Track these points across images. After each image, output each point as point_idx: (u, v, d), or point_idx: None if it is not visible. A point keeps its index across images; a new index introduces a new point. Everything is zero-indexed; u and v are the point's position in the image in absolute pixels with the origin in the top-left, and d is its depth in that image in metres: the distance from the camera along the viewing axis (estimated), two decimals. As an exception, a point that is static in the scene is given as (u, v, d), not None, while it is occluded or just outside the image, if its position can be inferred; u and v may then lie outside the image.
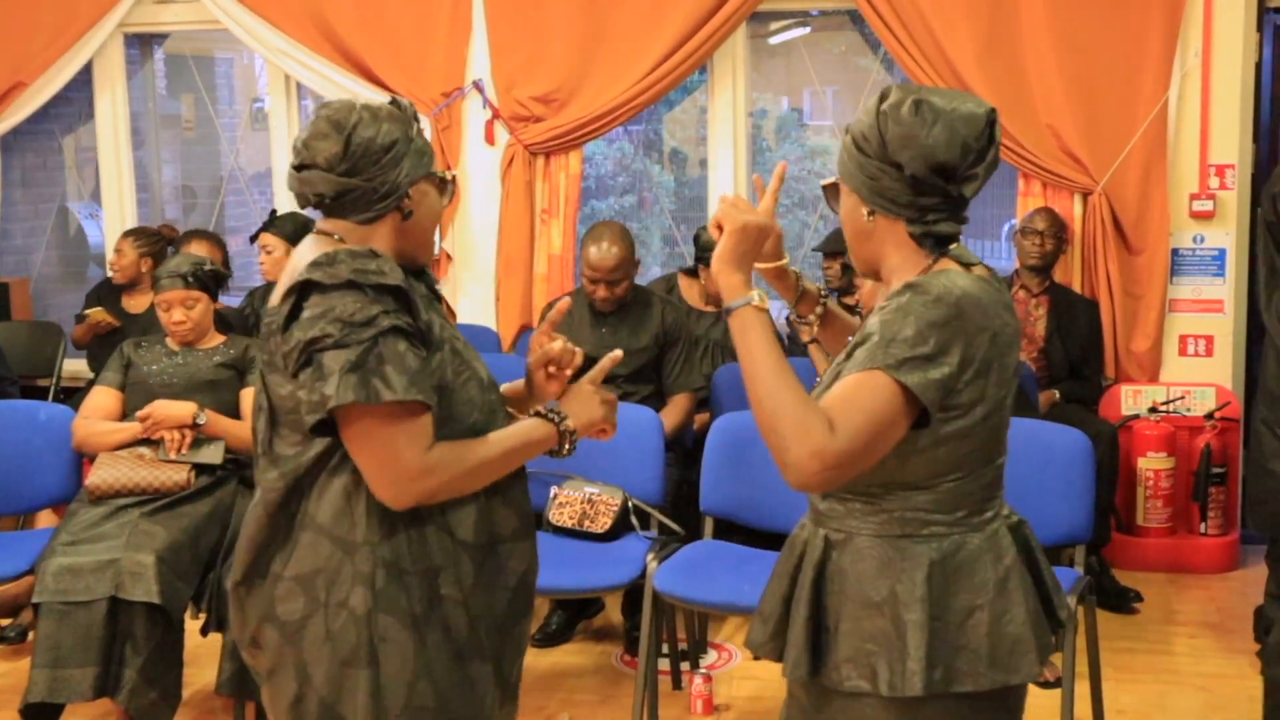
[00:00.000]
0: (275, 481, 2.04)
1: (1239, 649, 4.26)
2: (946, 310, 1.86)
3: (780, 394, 1.84)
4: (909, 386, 1.83)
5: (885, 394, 1.83)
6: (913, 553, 1.95)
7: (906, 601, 1.93)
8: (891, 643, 1.93)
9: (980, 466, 1.97)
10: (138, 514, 3.63)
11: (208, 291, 3.96)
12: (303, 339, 1.93)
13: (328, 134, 2.04)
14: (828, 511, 2.03)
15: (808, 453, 1.80)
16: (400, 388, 1.91)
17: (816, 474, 1.80)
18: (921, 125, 1.90)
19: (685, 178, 6.55)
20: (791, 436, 1.81)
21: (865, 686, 1.94)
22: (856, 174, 1.98)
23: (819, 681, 2.01)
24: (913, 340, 1.84)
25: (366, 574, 2.00)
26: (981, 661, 1.93)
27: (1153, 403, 5.11)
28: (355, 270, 1.94)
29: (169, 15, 6.06)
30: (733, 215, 1.97)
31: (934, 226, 1.96)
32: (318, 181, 2.05)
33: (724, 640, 4.45)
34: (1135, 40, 5.01)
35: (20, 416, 4.29)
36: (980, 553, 1.97)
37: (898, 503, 1.96)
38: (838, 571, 2.00)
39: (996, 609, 1.95)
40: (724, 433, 4.02)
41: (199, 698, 3.99)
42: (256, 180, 7.05)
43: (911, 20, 5.11)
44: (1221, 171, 5.10)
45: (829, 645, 1.99)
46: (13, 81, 5.94)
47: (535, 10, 5.45)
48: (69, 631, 3.42)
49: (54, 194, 6.67)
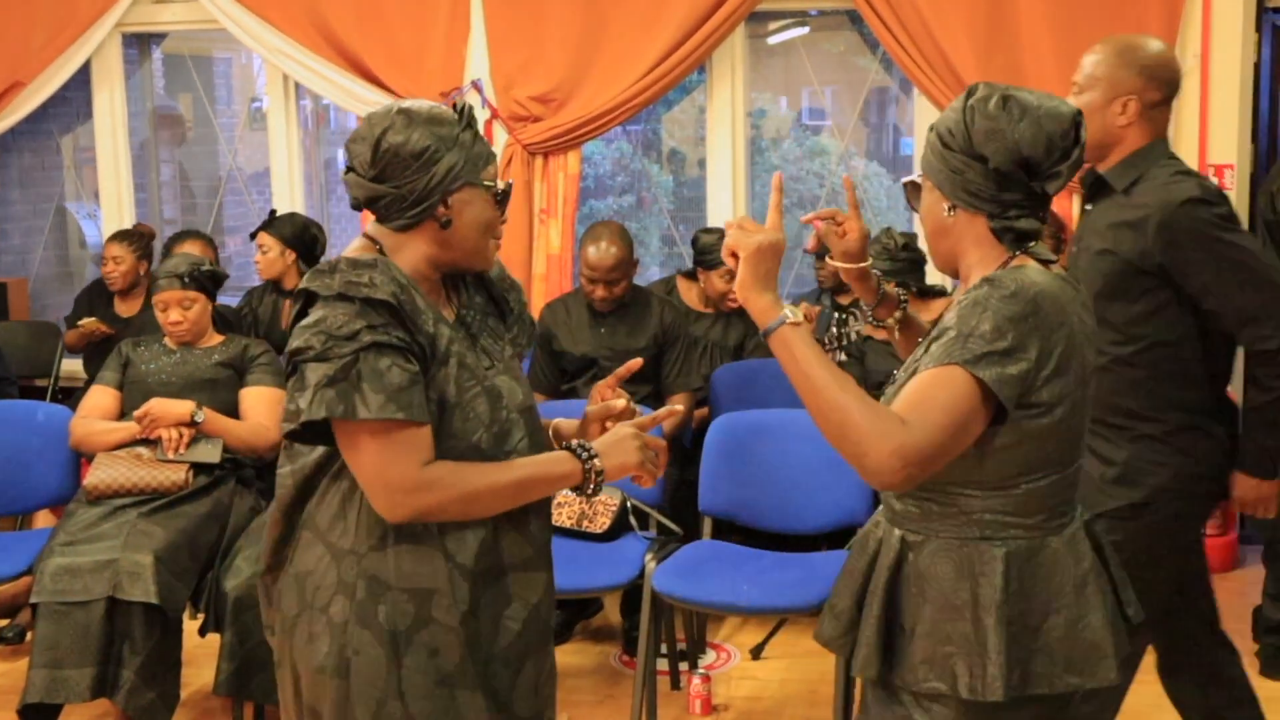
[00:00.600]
0: (287, 479, 2.06)
1: (1238, 648, 4.25)
2: (1024, 305, 1.87)
3: (845, 402, 1.83)
4: (986, 381, 1.83)
5: (963, 389, 1.84)
6: (990, 555, 1.95)
7: (986, 604, 1.93)
8: (971, 646, 1.93)
9: (1060, 468, 1.97)
10: (135, 514, 3.62)
11: (205, 292, 3.95)
12: (291, 347, 1.94)
13: (363, 137, 2.02)
14: (904, 512, 2.03)
15: (888, 452, 1.80)
16: (375, 405, 1.89)
17: (899, 472, 1.80)
18: (1008, 120, 1.92)
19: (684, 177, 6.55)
20: (868, 440, 1.81)
21: (943, 688, 1.94)
22: (940, 169, 1.99)
23: (890, 681, 2.01)
24: (990, 335, 1.85)
25: (349, 584, 2.00)
26: (1057, 665, 1.94)
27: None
28: (346, 282, 1.93)
29: (167, 15, 6.05)
30: (744, 240, 1.96)
31: (1015, 222, 1.96)
32: (352, 185, 2.05)
33: (722, 640, 4.45)
34: (1134, 40, 5.00)
35: (18, 416, 4.29)
36: (1059, 556, 1.97)
37: (976, 504, 1.95)
38: (915, 573, 2.00)
39: (1074, 612, 1.96)
40: (723, 433, 4.02)
41: (197, 698, 3.99)
42: (255, 180, 7.05)
43: (910, 20, 5.10)
44: (1220, 171, 5.09)
45: (904, 646, 1.99)
46: (10, 81, 5.93)
47: (534, 10, 5.45)
48: (67, 632, 3.42)
49: (52, 194, 6.66)
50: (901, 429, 1.80)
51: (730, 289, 4.79)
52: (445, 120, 2.04)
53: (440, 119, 2.04)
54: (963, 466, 1.92)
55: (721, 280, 4.80)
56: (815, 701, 3.97)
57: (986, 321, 1.86)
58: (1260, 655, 4.13)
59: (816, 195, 6.37)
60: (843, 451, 1.84)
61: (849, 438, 1.82)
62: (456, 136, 2.04)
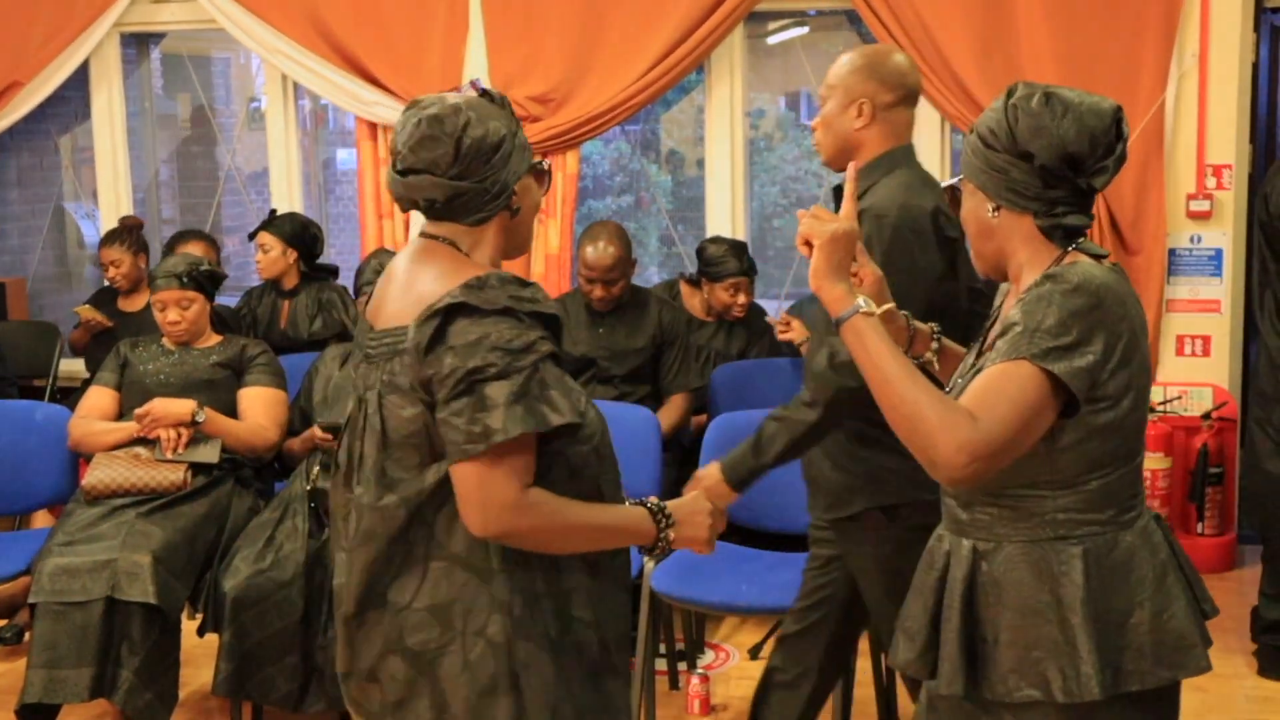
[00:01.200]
0: (395, 508, 1.96)
1: (1236, 649, 4.26)
2: (1087, 299, 1.87)
3: (915, 395, 1.83)
4: (1056, 374, 1.83)
5: (1031, 383, 1.83)
6: (1068, 554, 1.93)
7: (1070, 604, 1.91)
8: (1060, 648, 1.91)
9: (1127, 462, 1.97)
10: (134, 514, 3.62)
11: (203, 292, 3.95)
12: (462, 367, 1.85)
13: (437, 137, 1.97)
14: (973, 521, 2.00)
15: (955, 447, 1.79)
16: (565, 410, 1.89)
17: (966, 467, 1.80)
18: (1051, 116, 1.92)
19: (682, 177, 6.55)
20: (937, 434, 1.80)
21: (1037, 695, 1.92)
22: (983, 170, 1.98)
23: (977, 695, 1.98)
24: (1055, 329, 1.85)
25: (504, 601, 1.95)
26: (1147, 659, 1.93)
27: (1150, 403, 5.10)
28: (511, 297, 1.89)
29: (165, 15, 6.05)
30: (819, 228, 1.97)
31: (1063, 219, 1.96)
32: (427, 187, 1.98)
33: (721, 640, 4.45)
34: (1132, 41, 5.00)
35: (17, 416, 4.29)
36: (1135, 549, 1.96)
37: (1048, 505, 1.95)
38: (991, 581, 1.98)
39: (1157, 604, 1.94)
40: (721, 432, 4.02)
41: (195, 698, 3.99)
42: (253, 180, 7.05)
43: (908, 20, 5.11)
44: (1219, 172, 5.10)
45: (988, 657, 1.97)
46: (8, 81, 5.92)
47: (532, 9, 5.45)
48: (65, 632, 3.42)
49: (50, 194, 6.66)
50: (970, 424, 1.80)
51: (735, 300, 4.79)
52: (501, 110, 2.05)
53: (501, 107, 2.05)
54: (1033, 466, 1.91)
55: (726, 293, 4.78)
56: (814, 701, 3.96)
57: (1052, 316, 1.86)
58: (1258, 655, 4.14)
59: (815, 195, 6.36)
60: (911, 445, 1.84)
61: (919, 431, 1.82)
62: (515, 126, 2.05)
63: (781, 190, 6.86)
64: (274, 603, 3.47)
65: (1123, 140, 1.95)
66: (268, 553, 3.55)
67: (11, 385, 5.07)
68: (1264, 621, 4.14)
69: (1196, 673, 1.96)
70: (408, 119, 2.02)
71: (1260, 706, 3.92)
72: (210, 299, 4.01)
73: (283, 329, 5.06)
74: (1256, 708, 3.91)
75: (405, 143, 2.00)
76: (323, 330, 5.02)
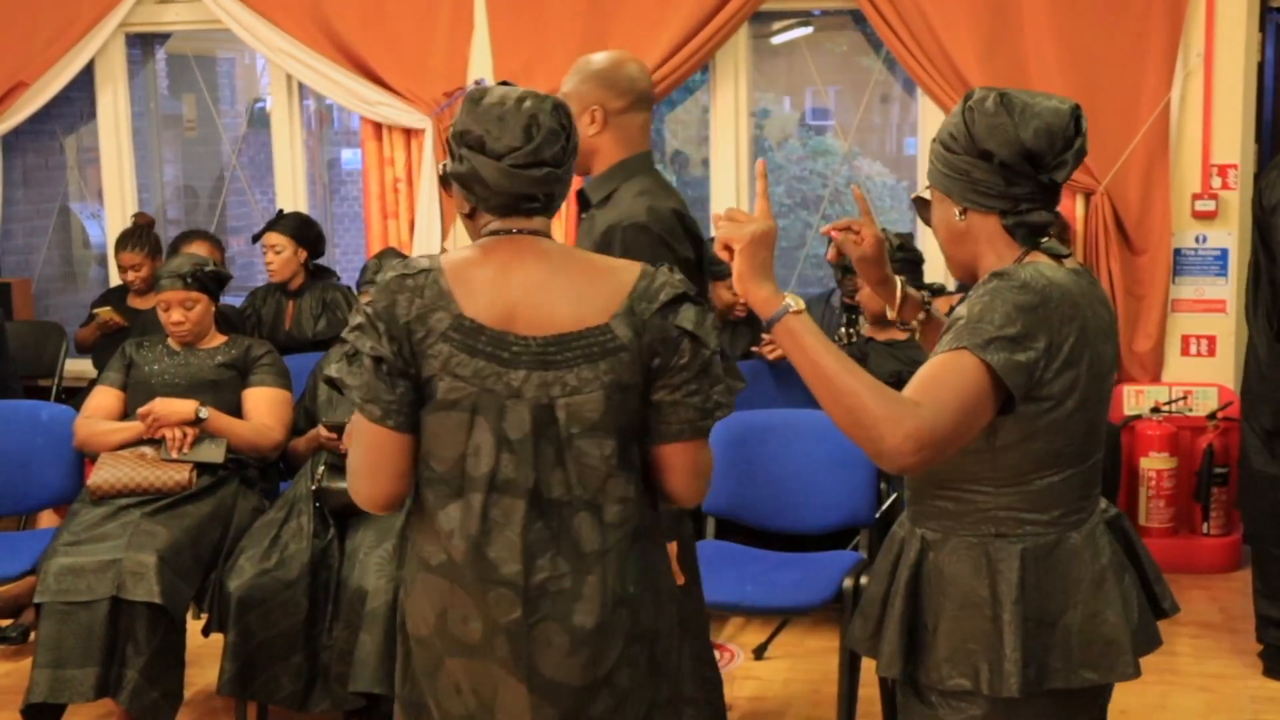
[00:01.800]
0: (640, 496, 2.05)
1: (1241, 649, 4.26)
2: (1033, 296, 1.88)
3: (856, 387, 1.82)
4: (994, 366, 1.84)
5: (972, 373, 1.84)
6: (1007, 552, 1.95)
7: (1003, 601, 1.94)
8: (990, 642, 1.94)
9: (1076, 463, 1.98)
10: (139, 514, 3.62)
11: (207, 292, 3.95)
12: (706, 349, 2.03)
13: (563, 131, 2.04)
14: (924, 511, 2.04)
15: (902, 436, 1.79)
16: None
17: (914, 454, 1.80)
18: (1008, 114, 1.94)
19: (687, 177, 6.53)
20: (882, 424, 1.80)
21: (967, 685, 1.96)
22: (947, 174, 2.00)
23: (915, 680, 2.02)
24: (999, 322, 1.86)
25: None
26: (1073, 660, 1.95)
27: (1155, 403, 5.10)
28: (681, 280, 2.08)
29: (170, 15, 6.06)
30: (737, 232, 1.95)
31: (1028, 216, 1.98)
32: (553, 181, 2.04)
33: (726, 640, 4.45)
34: (1137, 40, 5.00)
35: (22, 416, 4.29)
36: (1076, 551, 1.98)
37: (990, 502, 1.96)
38: (935, 571, 2.01)
39: (1090, 608, 1.96)
40: (726, 432, 4.01)
41: (200, 698, 3.99)
42: (258, 180, 7.05)
43: (914, 20, 5.10)
44: (1224, 171, 5.09)
45: (926, 644, 2.00)
46: (14, 81, 5.93)
47: (537, 9, 5.45)
48: (70, 632, 3.42)
49: (55, 194, 6.67)
50: (914, 411, 1.80)
51: (738, 300, 4.78)
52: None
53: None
54: (976, 463, 1.93)
55: (728, 291, 4.77)
56: (818, 701, 3.96)
57: (997, 310, 1.87)
58: (1264, 656, 4.13)
59: (820, 195, 6.35)
60: (855, 438, 1.84)
61: (862, 423, 1.81)
62: None
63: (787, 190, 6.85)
64: (279, 603, 3.47)
65: (1081, 135, 1.97)
66: (273, 553, 3.55)
67: (16, 384, 5.07)
68: (1265, 620, 4.14)
69: (1121, 678, 1.98)
70: (522, 110, 2.00)
71: (1265, 707, 3.91)
72: (215, 300, 4.01)
73: (287, 329, 5.06)
74: (1261, 708, 3.91)
75: (529, 137, 1.99)
76: (327, 330, 5.02)
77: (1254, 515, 4.21)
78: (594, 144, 2.87)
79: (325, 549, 3.56)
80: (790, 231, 6.65)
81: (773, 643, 4.34)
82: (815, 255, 5.94)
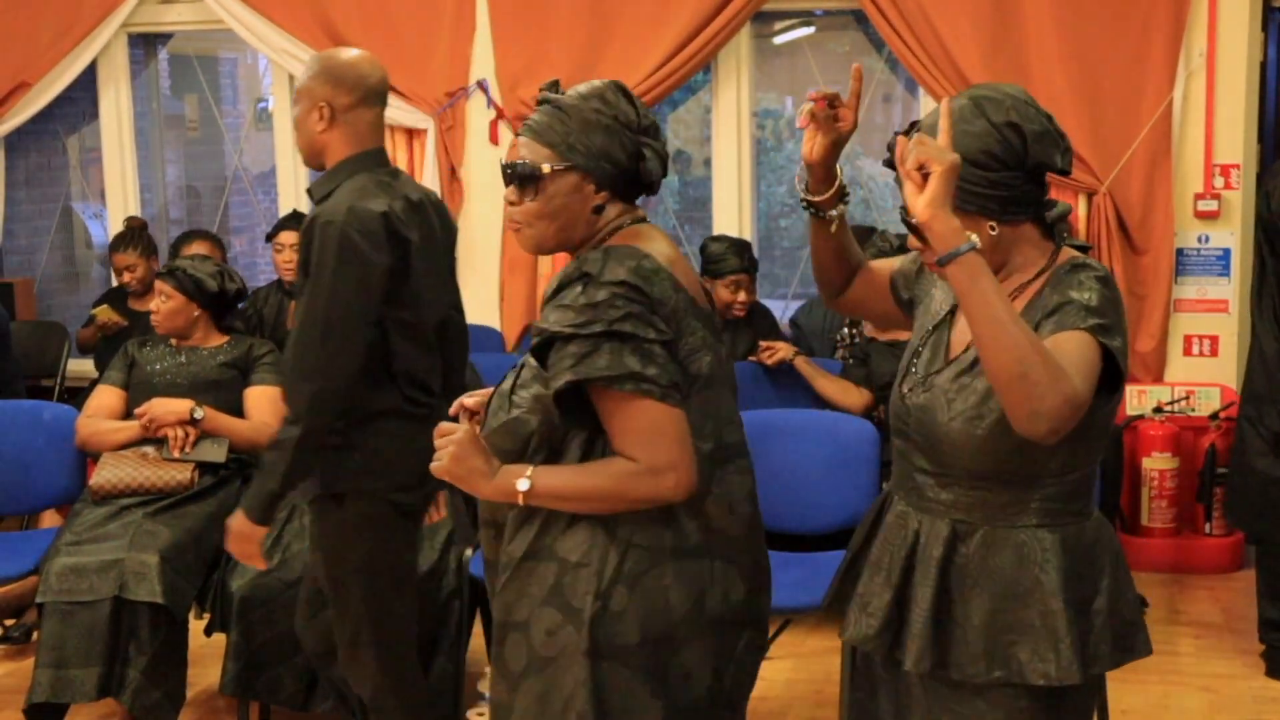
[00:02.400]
0: None
1: (1243, 649, 4.25)
2: (1115, 291, 1.93)
3: (1026, 341, 1.76)
4: (1114, 351, 1.87)
5: (1093, 352, 1.84)
6: (1050, 542, 1.96)
7: (1052, 590, 1.94)
8: (1038, 633, 1.93)
9: (1099, 456, 2.03)
10: (141, 514, 3.63)
11: (184, 292, 3.90)
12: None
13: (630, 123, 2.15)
14: (954, 502, 2.01)
15: (1063, 399, 1.75)
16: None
17: (1067, 419, 1.76)
18: (1031, 117, 1.95)
19: (689, 178, 6.54)
20: (1047, 384, 1.74)
21: (1011, 678, 1.95)
22: (984, 193, 1.94)
23: (944, 675, 2.00)
24: (1098, 310, 1.88)
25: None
26: (1107, 644, 1.98)
27: (1157, 403, 5.10)
28: None
29: (173, 15, 6.06)
30: (938, 155, 1.78)
31: (1053, 211, 2.01)
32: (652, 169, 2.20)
33: (728, 640, 4.44)
34: (1140, 40, 5.00)
35: (24, 416, 4.29)
36: (1096, 539, 2.02)
37: (1037, 493, 1.97)
38: (968, 563, 1.99)
39: (1114, 592, 2.00)
40: (728, 433, 4.01)
41: (203, 698, 4.00)
42: (260, 180, 7.06)
43: (915, 20, 5.10)
44: (1226, 171, 5.09)
45: (960, 638, 1.98)
46: (17, 81, 5.94)
47: (539, 9, 5.45)
48: (73, 631, 3.43)
49: (58, 194, 6.67)
50: (1071, 379, 1.77)
51: (735, 298, 4.77)
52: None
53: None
54: (1036, 455, 1.92)
55: (727, 290, 4.77)
56: (821, 701, 3.96)
57: (1095, 298, 1.88)
58: (1265, 657, 4.13)
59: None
60: (1013, 390, 1.76)
61: (1029, 377, 1.74)
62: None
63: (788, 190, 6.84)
64: (281, 602, 3.47)
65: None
66: (275, 552, 3.55)
67: (19, 384, 5.07)
68: (1268, 621, 4.13)
69: (1143, 655, 2.02)
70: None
71: (1267, 707, 3.91)
72: (200, 305, 3.93)
73: (289, 329, 5.05)
74: (1264, 708, 3.90)
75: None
76: (329, 330, 5.01)
77: (1256, 516, 4.20)
78: (323, 140, 2.90)
79: (327, 549, 3.56)
80: (792, 232, 6.65)
81: (775, 643, 4.33)
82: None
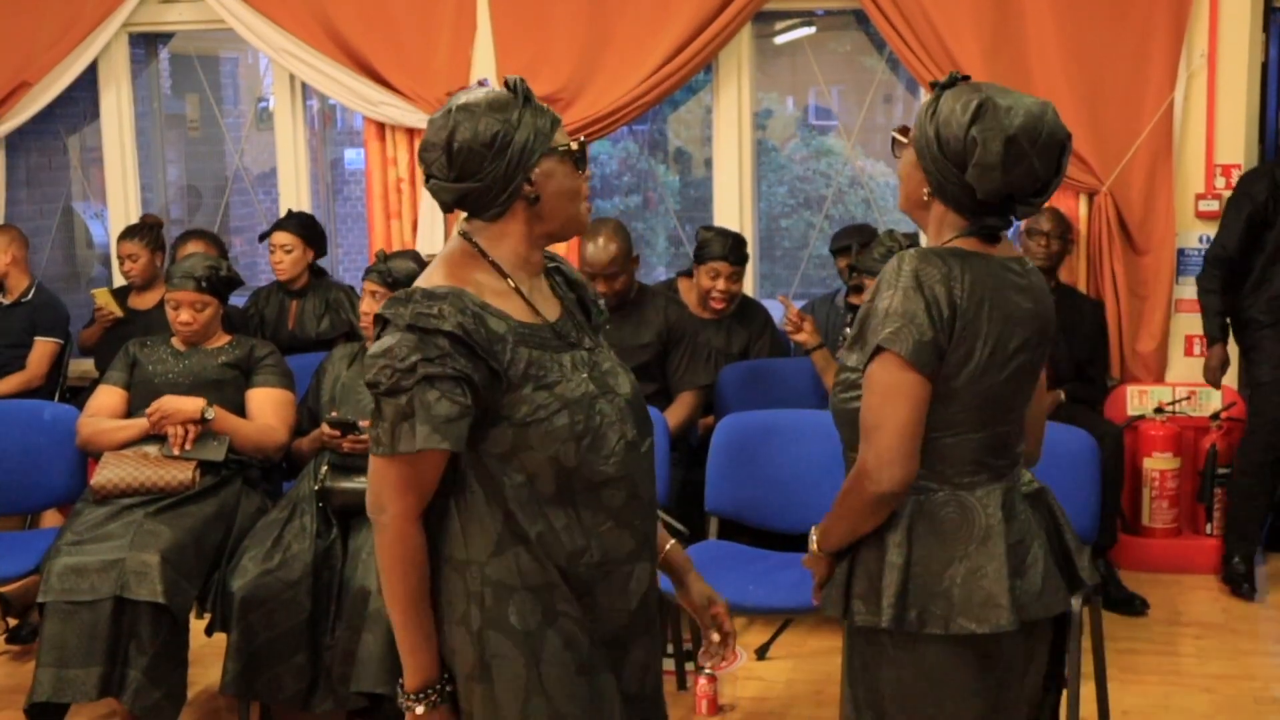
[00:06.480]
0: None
1: (1244, 649, 4.25)
2: (922, 274, 2.14)
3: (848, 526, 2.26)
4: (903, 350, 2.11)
5: (894, 367, 2.12)
6: (904, 504, 2.16)
7: (890, 545, 2.16)
8: (875, 581, 2.17)
9: (969, 430, 2.15)
10: (142, 514, 3.63)
11: (218, 296, 3.97)
12: (366, 379, 1.98)
13: (433, 144, 2.04)
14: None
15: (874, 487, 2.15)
16: (420, 438, 1.93)
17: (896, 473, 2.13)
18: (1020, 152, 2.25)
19: (690, 177, 6.55)
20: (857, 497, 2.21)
21: (875, 621, 2.16)
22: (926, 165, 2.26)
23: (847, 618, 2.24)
24: (896, 313, 2.13)
25: (476, 592, 2.02)
26: (955, 609, 2.12)
27: (1158, 403, 5.10)
28: (417, 314, 1.95)
29: (174, 15, 6.06)
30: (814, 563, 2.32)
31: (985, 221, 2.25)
32: (438, 191, 2.07)
33: (729, 640, 4.45)
34: (1141, 40, 5.00)
35: (25, 416, 4.29)
36: (965, 510, 2.15)
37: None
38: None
39: (974, 563, 2.13)
40: (729, 432, 4.01)
41: (203, 698, 4.00)
42: (261, 180, 7.06)
43: (916, 20, 5.10)
44: (1227, 171, 5.09)
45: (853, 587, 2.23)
46: (18, 81, 5.94)
47: (540, 9, 5.45)
48: (74, 631, 3.43)
49: (59, 194, 6.67)
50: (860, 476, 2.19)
51: (715, 285, 4.74)
52: (504, 103, 2.05)
53: (499, 103, 2.05)
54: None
55: (706, 276, 4.74)
56: (821, 701, 3.96)
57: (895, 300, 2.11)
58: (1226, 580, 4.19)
59: (823, 195, 6.36)
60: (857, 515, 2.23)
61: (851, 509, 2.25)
62: (520, 114, 2.05)
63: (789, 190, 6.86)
64: (282, 602, 3.47)
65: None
66: (275, 552, 3.55)
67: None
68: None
69: (996, 628, 2.11)
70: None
71: (1269, 708, 3.91)
72: (224, 303, 4.02)
73: (291, 329, 5.06)
74: (1265, 709, 3.90)
75: (420, 151, 2.09)
76: (330, 330, 5.02)
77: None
78: None
79: (328, 549, 3.56)
80: (793, 232, 6.65)
81: (775, 643, 4.34)
82: (819, 255, 5.93)
